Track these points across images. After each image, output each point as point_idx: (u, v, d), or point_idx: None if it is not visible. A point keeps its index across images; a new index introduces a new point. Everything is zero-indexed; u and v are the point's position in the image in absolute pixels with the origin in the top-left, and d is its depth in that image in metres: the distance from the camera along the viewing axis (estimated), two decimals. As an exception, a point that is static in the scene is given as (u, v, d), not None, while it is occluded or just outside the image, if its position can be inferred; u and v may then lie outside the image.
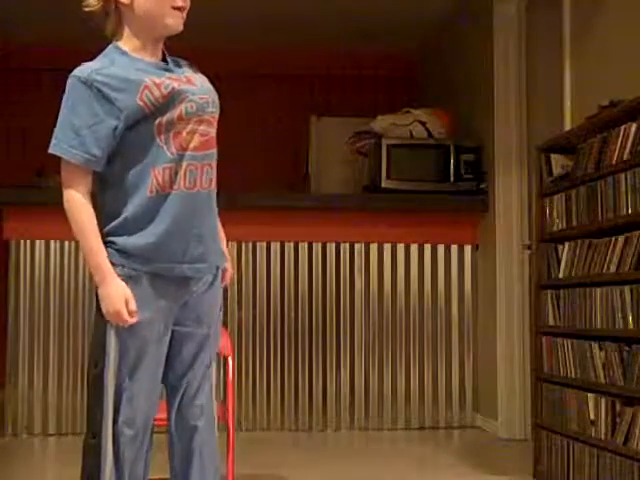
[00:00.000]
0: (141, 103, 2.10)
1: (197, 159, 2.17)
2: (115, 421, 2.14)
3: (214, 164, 2.23)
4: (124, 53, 2.17)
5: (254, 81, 6.91)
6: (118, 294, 2.09)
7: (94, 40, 2.28)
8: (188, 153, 2.15)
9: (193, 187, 2.17)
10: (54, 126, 2.14)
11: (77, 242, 2.14)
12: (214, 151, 2.23)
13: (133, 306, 2.10)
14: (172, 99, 2.13)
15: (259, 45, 6.58)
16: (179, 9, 2.17)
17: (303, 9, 5.95)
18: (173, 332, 2.23)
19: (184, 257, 2.18)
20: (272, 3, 5.84)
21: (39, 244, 4.92)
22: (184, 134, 2.15)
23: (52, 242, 4.91)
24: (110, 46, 2.20)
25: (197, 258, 2.21)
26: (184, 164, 2.15)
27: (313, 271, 5.18)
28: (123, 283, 2.11)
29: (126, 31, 2.20)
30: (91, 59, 2.17)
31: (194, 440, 2.28)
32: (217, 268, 2.29)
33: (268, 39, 6.49)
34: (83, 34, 2.25)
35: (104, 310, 2.11)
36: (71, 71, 2.13)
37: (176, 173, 2.14)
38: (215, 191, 2.26)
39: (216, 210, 2.28)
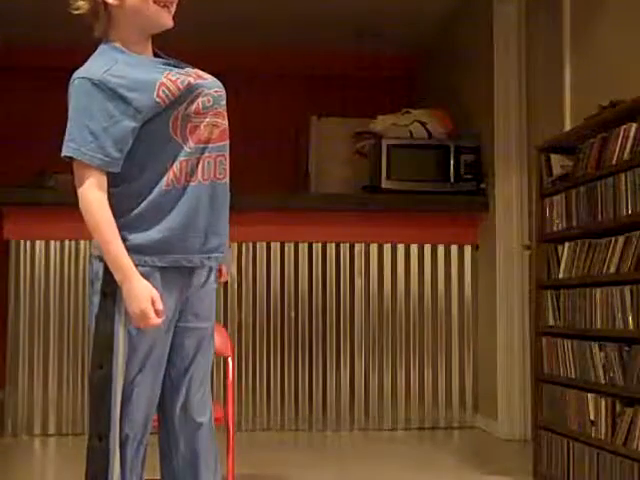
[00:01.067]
0: (159, 100, 2.10)
1: (214, 151, 2.18)
2: (121, 422, 2.12)
3: (227, 155, 2.24)
4: (123, 52, 2.16)
5: (254, 81, 6.91)
6: (144, 294, 2.04)
7: (96, 39, 2.27)
8: (206, 146, 2.17)
9: (209, 178, 2.18)
10: (59, 127, 2.12)
11: (77, 242, 2.12)
12: (227, 143, 2.24)
13: (159, 305, 2.06)
14: (189, 93, 2.14)
15: (259, 45, 6.58)
16: (165, 5, 2.17)
17: (303, 9, 5.95)
18: (174, 328, 2.22)
19: (202, 247, 2.18)
20: (272, 3, 5.84)
21: (39, 244, 4.90)
22: (202, 127, 2.16)
23: (52, 242, 4.89)
24: (105, 46, 2.18)
25: (214, 249, 2.21)
26: (201, 157, 2.16)
27: (313, 271, 5.18)
28: (147, 282, 2.07)
29: (117, 30, 2.18)
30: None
31: (200, 438, 2.27)
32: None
33: (268, 39, 6.49)
34: (86, 34, 2.24)
35: (129, 311, 2.05)
36: (73, 71, 2.11)
37: (194, 166, 2.15)
38: (228, 183, 2.25)
39: (228, 203, 2.27)
